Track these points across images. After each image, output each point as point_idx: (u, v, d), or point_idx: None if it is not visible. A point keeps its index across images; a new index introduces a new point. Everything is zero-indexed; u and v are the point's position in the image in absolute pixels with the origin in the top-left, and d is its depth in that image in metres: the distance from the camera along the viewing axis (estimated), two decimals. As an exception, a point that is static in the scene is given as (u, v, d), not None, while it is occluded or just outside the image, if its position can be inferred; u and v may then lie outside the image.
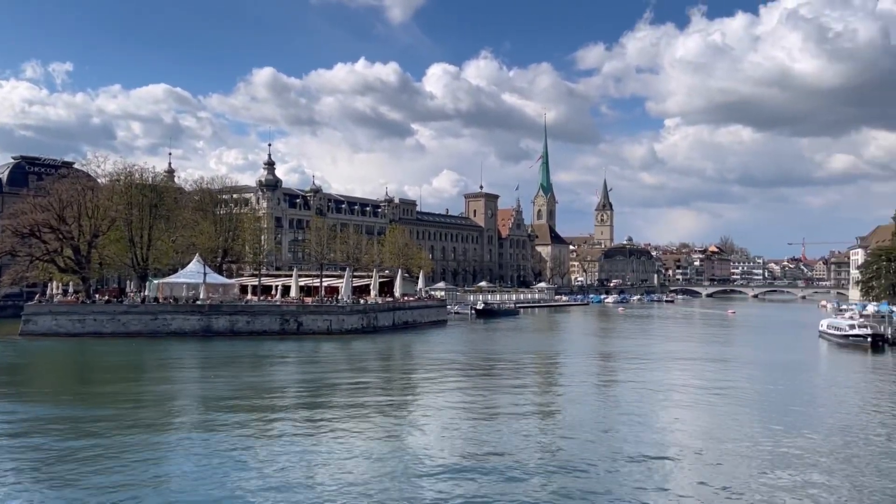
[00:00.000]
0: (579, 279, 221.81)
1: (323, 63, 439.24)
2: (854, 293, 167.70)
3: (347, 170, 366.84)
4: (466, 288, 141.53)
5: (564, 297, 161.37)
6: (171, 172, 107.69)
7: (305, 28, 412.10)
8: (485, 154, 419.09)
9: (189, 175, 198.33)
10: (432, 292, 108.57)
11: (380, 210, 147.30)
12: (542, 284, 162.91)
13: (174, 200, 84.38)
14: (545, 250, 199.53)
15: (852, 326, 69.55)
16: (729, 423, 31.60)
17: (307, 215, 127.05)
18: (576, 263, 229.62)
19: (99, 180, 77.71)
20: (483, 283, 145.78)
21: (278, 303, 73.74)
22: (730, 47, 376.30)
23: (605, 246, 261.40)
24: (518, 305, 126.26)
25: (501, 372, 48.36)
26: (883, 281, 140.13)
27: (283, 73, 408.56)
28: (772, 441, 27.45)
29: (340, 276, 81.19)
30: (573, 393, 40.36)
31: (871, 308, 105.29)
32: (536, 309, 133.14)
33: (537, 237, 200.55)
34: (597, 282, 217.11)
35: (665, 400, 37.79)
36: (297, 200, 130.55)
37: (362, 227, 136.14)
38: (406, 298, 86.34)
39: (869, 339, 64.44)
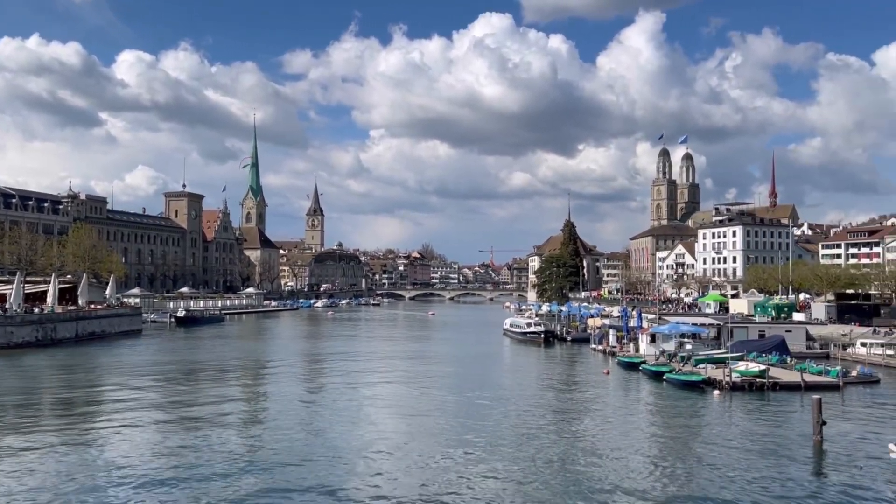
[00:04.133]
0: (290, 284, 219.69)
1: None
2: (532, 295, 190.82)
3: (18, 160, 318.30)
4: (166, 294, 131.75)
5: (274, 303, 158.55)
6: None
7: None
8: (186, 151, 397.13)
9: None
10: (125, 299, 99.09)
11: (61, 207, 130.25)
12: (251, 290, 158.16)
13: None
14: (254, 254, 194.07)
15: (529, 325, 79.08)
16: (428, 411, 33.65)
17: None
18: (286, 268, 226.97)
19: None
20: (185, 289, 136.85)
21: (-78, 314, 61.13)
22: (428, 67, 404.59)
23: (316, 251, 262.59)
24: (224, 312, 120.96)
25: (200, 382, 45.71)
26: (554, 284, 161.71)
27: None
28: (463, 426, 29.85)
29: (10, 282, 69.96)
30: (277, 398, 39.65)
31: (544, 308, 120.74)
32: (244, 315, 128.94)
33: (246, 241, 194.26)
34: (307, 286, 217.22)
35: (370, 397, 38.94)
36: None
37: (38, 225, 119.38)
38: (93, 307, 77.56)
39: (542, 336, 73.73)
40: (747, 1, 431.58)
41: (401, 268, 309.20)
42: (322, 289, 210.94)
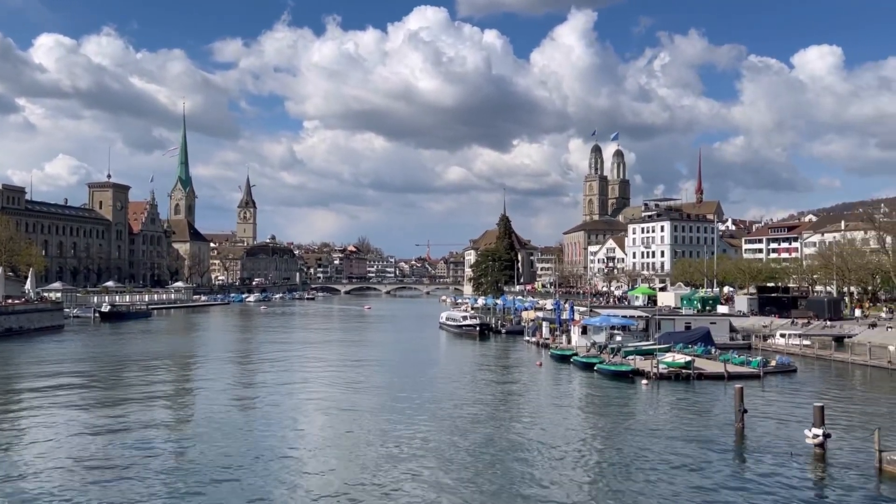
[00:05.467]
0: (220, 278, 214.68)
1: None
2: (468, 289, 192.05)
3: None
4: (90, 288, 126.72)
5: (204, 297, 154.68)
6: None
7: None
8: (111, 140, 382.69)
9: None
10: (46, 294, 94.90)
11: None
12: (180, 284, 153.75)
13: None
14: (183, 247, 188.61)
15: (465, 318, 79.57)
16: (360, 407, 33.44)
17: None
18: (217, 262, 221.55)
19: None
20: (110, 283, 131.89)
21: None
22: (363, 59, 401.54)
23: (248, 244, 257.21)
24: (151, 307, 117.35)
25: (124, 380, 44.20)
26: (489, 278, 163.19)
27: None
28: (396, 422, 29.78)
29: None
30: (205, 397, 38.62)
31: (480, 301, 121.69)
32: (172, 310, 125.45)
33: (175, 233, 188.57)
34: (239, 280, 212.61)
35: (302, 394, 38.42)
36: None
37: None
38: (10, 301, 73.95)
39: (477, 329, 74.29)
40: (675, 2, 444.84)
41: (336, 262, 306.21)
42: (254, 283, 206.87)
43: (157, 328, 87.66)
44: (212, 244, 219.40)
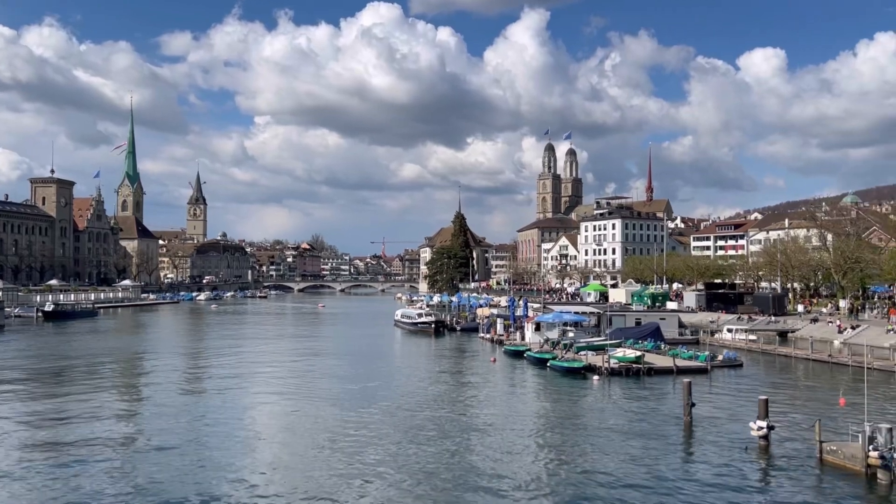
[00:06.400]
0: (170, 276, 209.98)
1: None
2: (423, 286, 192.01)
3: None
4: (33, 287, 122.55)
5: (153, 296, 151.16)
6: None
7: None
8: (54, 134, 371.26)
9: None
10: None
11: None
12: (127, 282, 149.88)
13: None
14: (131, 245, 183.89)
15: (420, 315, 79.52)
16: (314, 406, 33.12)
17: None
18: (166, 259, 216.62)
19: None
20: (54, 282, 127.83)
21: None
22: (315, 54, 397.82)
23: (199, 241, 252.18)
24: (98, 306, 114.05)
25: (67, 382, 42.80)
26: (445, 275, 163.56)
27: None
28: (351, 421, 29.62)
29: None
30: (152, 398, 37.71)
31: (436, 299, 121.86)
32: (120, 309, 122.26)
33: (122, 230, 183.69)
34: (189, 279, 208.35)
35: (254, 394, 37.89)
36: None
37: None
38: (-55, 301, 71.06)
39: (433, 326, 74.32)
40: (625, 2, 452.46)
41: (289, 259, 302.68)
42: (205, 281, 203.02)
43: (104, 327, 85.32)
44: (161, 241, 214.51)
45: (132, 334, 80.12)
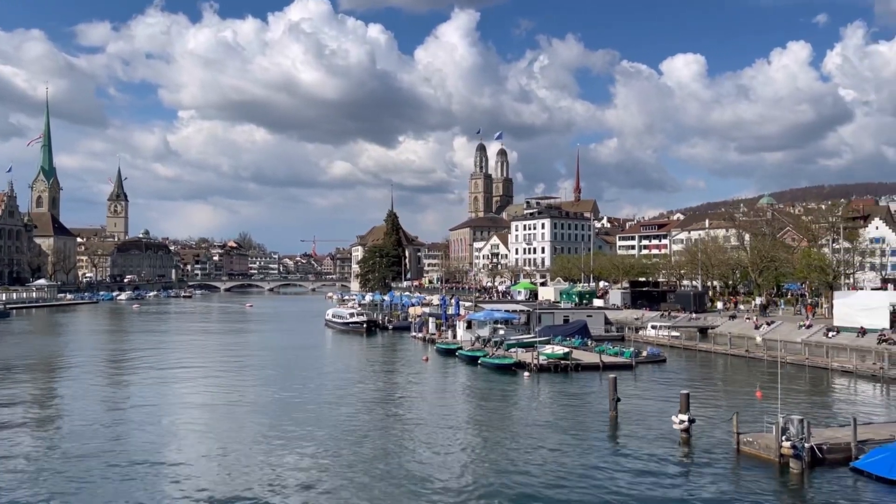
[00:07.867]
0: (89, 275, 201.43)
1: None
2: (355, 285, 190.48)
3: None
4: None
5: (70, 296, 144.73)
6: None
7: None
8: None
9: None
10: None
11: None
12: (42, 281, 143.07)
13: None
14: (46, 242, 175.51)
15: (351, 315, 78.83)
16: (241, 408, 32.41)
17: None
18: (85, 258, 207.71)
19: None
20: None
21: None
22: (241, 47, 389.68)
23: (119, 239, 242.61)
24: (9, 306, 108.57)
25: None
26: (377, 274, 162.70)
27: None
28: (279, 422, 29.11)
29: None
30: (69, 403, 36.10)
31: (367, 298, 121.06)
32: (34, 309, 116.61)
33: (37, 227, 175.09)
34: (109, 278, 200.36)
35: (177, 398, 36.79)
36: None
37: None
38: None
39: (364, 325, 73.84)
40: (553, 5, 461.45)
41: (215, 258, 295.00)
42: (126, 280, 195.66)
43: (17, 329, 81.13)
44: (79, 239, 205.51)
45: (48, 336, 76.44)
